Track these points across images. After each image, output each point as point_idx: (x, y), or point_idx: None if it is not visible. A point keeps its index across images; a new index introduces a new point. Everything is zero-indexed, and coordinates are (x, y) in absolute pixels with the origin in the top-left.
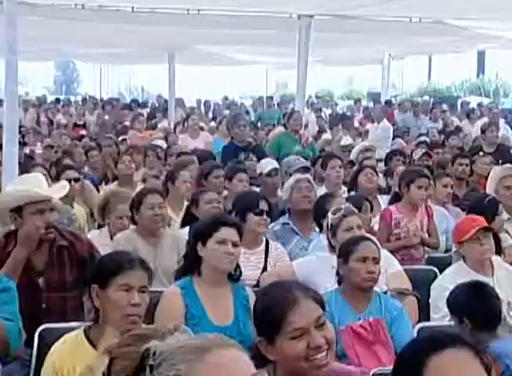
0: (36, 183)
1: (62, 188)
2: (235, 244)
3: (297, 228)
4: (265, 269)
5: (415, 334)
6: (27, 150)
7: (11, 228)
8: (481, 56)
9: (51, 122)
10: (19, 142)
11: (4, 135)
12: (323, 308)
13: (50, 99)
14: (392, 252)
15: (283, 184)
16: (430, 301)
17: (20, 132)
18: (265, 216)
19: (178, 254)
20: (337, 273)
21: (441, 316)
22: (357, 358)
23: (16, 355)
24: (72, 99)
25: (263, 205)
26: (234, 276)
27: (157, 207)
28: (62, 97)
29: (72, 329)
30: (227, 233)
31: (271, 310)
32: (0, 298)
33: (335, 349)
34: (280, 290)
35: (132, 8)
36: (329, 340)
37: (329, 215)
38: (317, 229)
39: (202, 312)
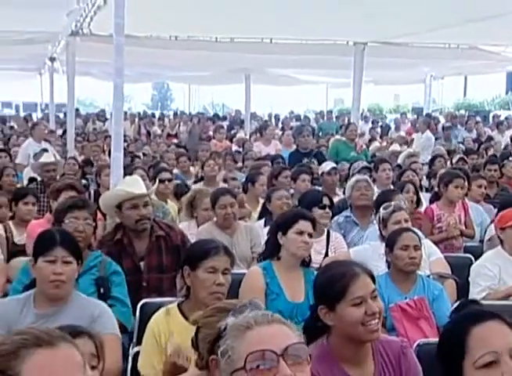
0: (133, 184)
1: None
2: (310, 235)
3: (357, 220)
4: (326, 254)
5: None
6: (130, 156)
7: (117, 220)
8: (509, 75)
9: (148, 133)
10: (124, 149)
11: (112, 144)
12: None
13: (148, 113)
14: (436, 243)
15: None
16: (469, 279)
17: (125, 141)
18: (327, 210)
19: (251, 241)
20: (386, 260)
21: (479, 290)
22: (404, 331)
23: None
24: (165, 113)
25: (326, 201)
26: (305, 262)
27: (229, 207)
28: (157, 112)
29: (167, 303)
30: (305, 225)
31: (335, 282)
32: (114, 280)
33: (386, 324)
34: (343, 266)
35: (216, 38)
36: (380, 310)
37: (381, 210)
38: (375, 222)
39: (279, 291)
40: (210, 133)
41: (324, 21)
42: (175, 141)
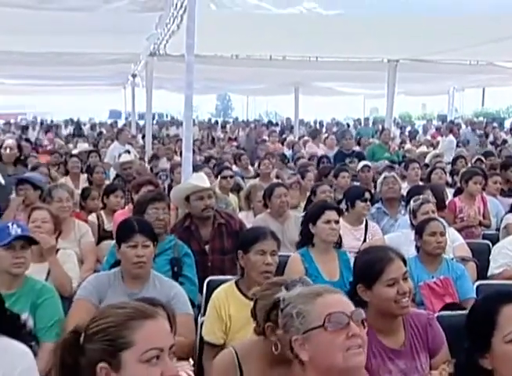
0: (199, 179)
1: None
2: (337, 222)
3: (387, 211)
4: (364, 240)
5: (474, 289)
6: (198, 156)
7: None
8: None
9: (212, 137)
10: (193, 151)
11: (183, 146)
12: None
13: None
14: (459, 231)
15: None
16: (490, 257)
17: (194, 144)
18: (368, 203)
19: (299, 229)
20: (416, 245)
21: (497, 266)
22: (431, 306)
23: None
24: (227, 120)
25: (367, 195)
26: (337, 244)
27: (283, 196)
28: (220, 119)
29: (228, 280)
30: (330, 214)
31: (373, 265)
32: (185, 261)
33: (415, 300)
34: (380, 251)
35: (270, 56)
36: (410, 289)
37: (412, 202)
38: (403, 212)
39: (317, 273)
40: (265, 137)
41: (362, 41)
42: (235, 144)
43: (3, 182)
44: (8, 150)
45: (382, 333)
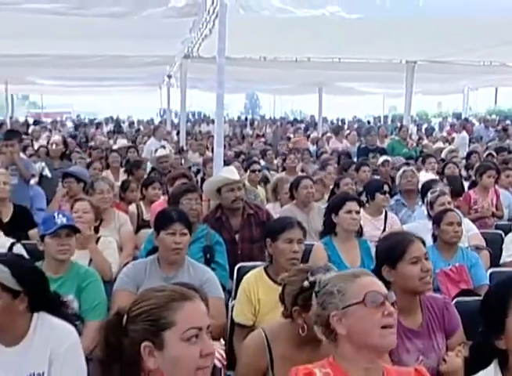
0: (230, 172)
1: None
2: (357, 212)
3: (406, 202)
4: (384, 230)
5: (487, 276)
6: (228, 151)
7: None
8: None
9: (242, 134)
10: (224, 146)
11: (215, 142)
12: None
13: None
14: (473, 221)
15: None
16: (503, 246)
17: (224, 140)
18: (387, 195)
19: (322, 219)
20: (433, 234)
21: (510, 254)
22: (447, 292)
23: None
24: (255, 118)
25: (386, 187)
26: (358, 233)
27: (309, 188)
28: (249, 117)
29: (257, 267)
30: (351, 205)
31: (396, 245)
32: (217, 248)
33: (432, 285)
34: (401, 234)
35: (296, 58)
36: (431, 268)
37: (429, 194)
38: (420, 203)
39: (339, 259)
40: (291, 134)
41: (381, 44)
42: (262, 140)
43: (50, 175)
44: (54, 146)
45: (401, 313)
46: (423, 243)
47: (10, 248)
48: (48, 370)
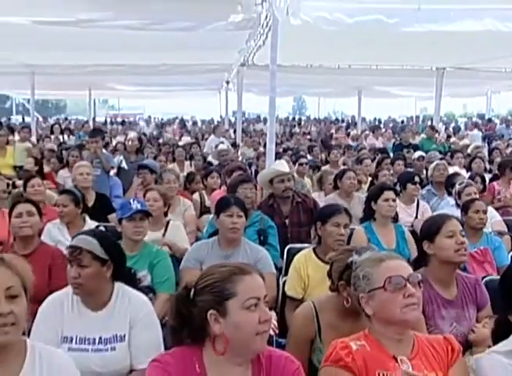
0: (280, 165)
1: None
2: (394, 200)
3: (436, 192)
4: (416, 217)
5: (509, 258)
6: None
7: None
8: None
9: (290, 132)
10: (276, 143)
11: (267, 138)
12: None
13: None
14: (496, 209)
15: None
16: None
17: (276, 137)
18: (417, 185)
19: (362, 207)
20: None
21: None
22: (473, 271)
23: None
24: (302, 118)
25: (416, 179)
26: (394, 219)
27: (352, 179)
28: (296, 117)
29: (304, 248)
30: (389, 194)
31: (434, 222)
32: (269, 232)
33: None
34: (438, 215)
35: (338, 66)
36: (466, 242)
37: (457, 185)
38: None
39: (377, 241)
40: (333, 132)
41: (414, 52)
42: (308, 137)
43: (126, 167)
44: (130, 142)
45: (440, 285)
46: (460, 222)
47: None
48: (129, 333)
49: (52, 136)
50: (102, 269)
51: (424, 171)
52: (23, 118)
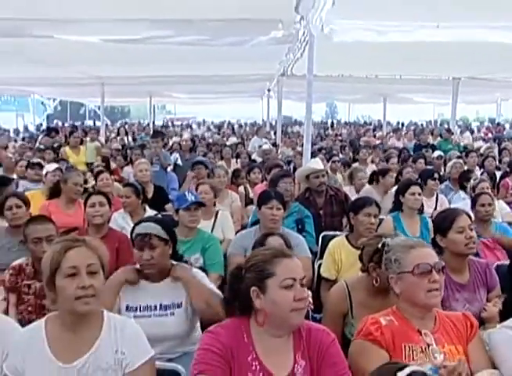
0: (316, 163)
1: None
2: (419, 194)
3: (453, 187)
4: (435, 209)
5: None
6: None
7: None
8: None
9: (324, 133)
10: (311, 143)
11: (304, 139)
12: None
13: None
14: (509, 203)
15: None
16: None
17: (312, 138)
18: (437, 181)
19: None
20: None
21: None
22: (485, 257)
23: None
24: (334, 121)
25: (436, 175)
26: (420, 210)
27: (390, 178)
28: (329, 121)
29: (336, 235)
30: (415, 188)
31: (446, 217)
32: (306, 221)
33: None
34: (451, 210)
35: (366, 75)
36: (474, 236)
37: (472, 181)
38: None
39: (403, 230)
40: (361, 133)
41: (433, 64)
42: (340, 138)
43: (181, 164)
44: (185, 142)
45: (454, 272)
46: (469, 216)
47: None
48: (185, 302)
49: (118, 137)
50: (166, 248)
51: (442, 169)
52: (94, 122)
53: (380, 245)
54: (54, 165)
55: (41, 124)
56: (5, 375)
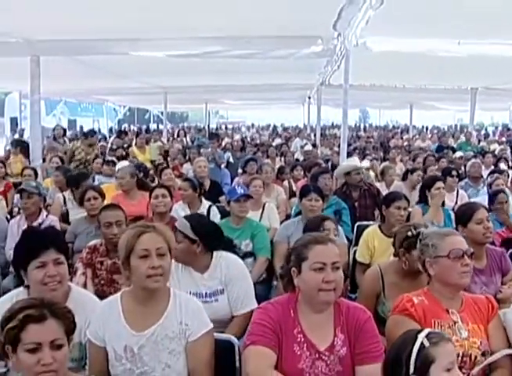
0: (353, 161)
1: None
2: (443, 188)
3: (472, 184)
4: (456, 203)
5: None
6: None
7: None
8: None
9: (357, 135)
10: (348, 144)
11: (341, 140)
12: None
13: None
14: None
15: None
16: None
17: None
18: (455, 178)
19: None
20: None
21: None
22: (499, 246)
23: None
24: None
25: (454, 173)
26: (443, 203)
27: (418, 177)
28: (362, 125)
29: (369, 225)
30: (439, 184)
31: (467, 210)
32: (343, 212)
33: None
34: (469, 205)
35: (395, 85)
36: (491, 227)
37: (489, 178)
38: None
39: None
40: (390, 136)
41: (454, 75)
42: (371, 140)
43: (233, 161)
44: (236, 143)
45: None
46: (486, 209)
47: (208, 208)
48: (226, 288)
49: (178, 139)
50: (192, 246)
51: (462, 168)
52: (158, 126)
53: (409, 233)
54: (125, 162)
55: (112, 128)
56: (89, 339)
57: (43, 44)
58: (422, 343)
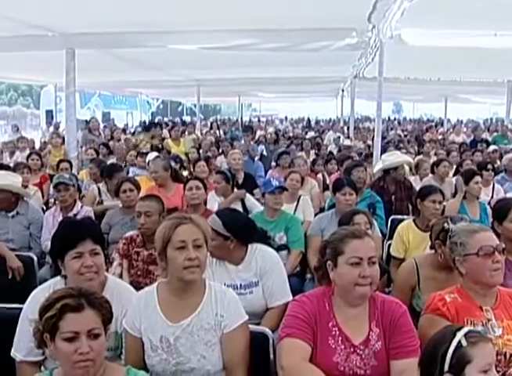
0: (391, 156)
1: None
2: (480, 182)
3: (508, 178)
4: (492, 197)
5: None
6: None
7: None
8: None
9: (391, 128)
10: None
11: (375, 133)
12: None
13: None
14: None
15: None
16: None
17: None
18: (490, 172)
19: (451, 189)
20: None
21: None
22: None
23: None
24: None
25: (489, 166)
26: (477, 197)
27: (446, 168)
28: (396, 117)
29: (404, 219)
30: (477, 178)
31: (503, 207)
32: (378, 205)
33: None
34: (506, 201)
35: (429, 78)
36: None
37: None
38: None
39: (465, 213)
40: (424, 129)
41: (490, 67)
42: (405, 133)
43: (266, 154)
44: (269, 136)
45: (509, 253)
46: None
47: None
48: (261, 280)
49: (211, 131)
50: (226, 242)
51: (498, 161)
52: (191, 118)
53: (446, 225)
54: (154, 154)
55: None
56: (125, 330)
57: (78, 37)
58: (459, 342)
